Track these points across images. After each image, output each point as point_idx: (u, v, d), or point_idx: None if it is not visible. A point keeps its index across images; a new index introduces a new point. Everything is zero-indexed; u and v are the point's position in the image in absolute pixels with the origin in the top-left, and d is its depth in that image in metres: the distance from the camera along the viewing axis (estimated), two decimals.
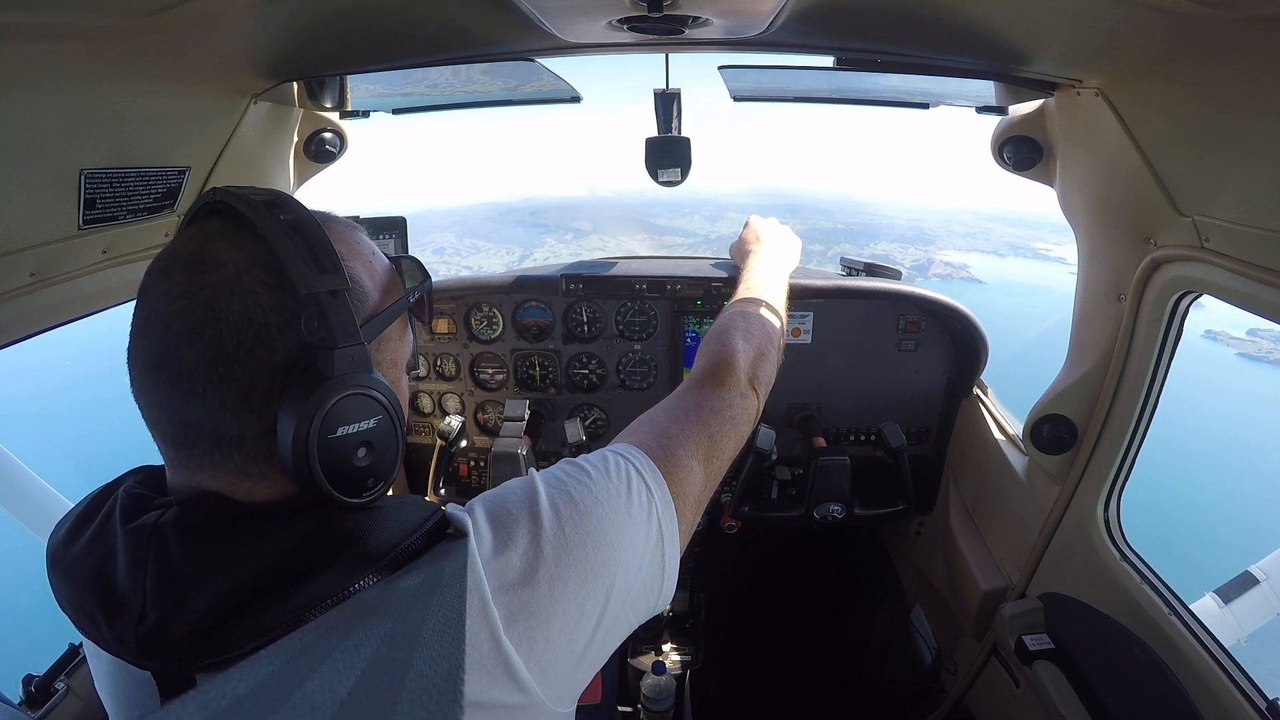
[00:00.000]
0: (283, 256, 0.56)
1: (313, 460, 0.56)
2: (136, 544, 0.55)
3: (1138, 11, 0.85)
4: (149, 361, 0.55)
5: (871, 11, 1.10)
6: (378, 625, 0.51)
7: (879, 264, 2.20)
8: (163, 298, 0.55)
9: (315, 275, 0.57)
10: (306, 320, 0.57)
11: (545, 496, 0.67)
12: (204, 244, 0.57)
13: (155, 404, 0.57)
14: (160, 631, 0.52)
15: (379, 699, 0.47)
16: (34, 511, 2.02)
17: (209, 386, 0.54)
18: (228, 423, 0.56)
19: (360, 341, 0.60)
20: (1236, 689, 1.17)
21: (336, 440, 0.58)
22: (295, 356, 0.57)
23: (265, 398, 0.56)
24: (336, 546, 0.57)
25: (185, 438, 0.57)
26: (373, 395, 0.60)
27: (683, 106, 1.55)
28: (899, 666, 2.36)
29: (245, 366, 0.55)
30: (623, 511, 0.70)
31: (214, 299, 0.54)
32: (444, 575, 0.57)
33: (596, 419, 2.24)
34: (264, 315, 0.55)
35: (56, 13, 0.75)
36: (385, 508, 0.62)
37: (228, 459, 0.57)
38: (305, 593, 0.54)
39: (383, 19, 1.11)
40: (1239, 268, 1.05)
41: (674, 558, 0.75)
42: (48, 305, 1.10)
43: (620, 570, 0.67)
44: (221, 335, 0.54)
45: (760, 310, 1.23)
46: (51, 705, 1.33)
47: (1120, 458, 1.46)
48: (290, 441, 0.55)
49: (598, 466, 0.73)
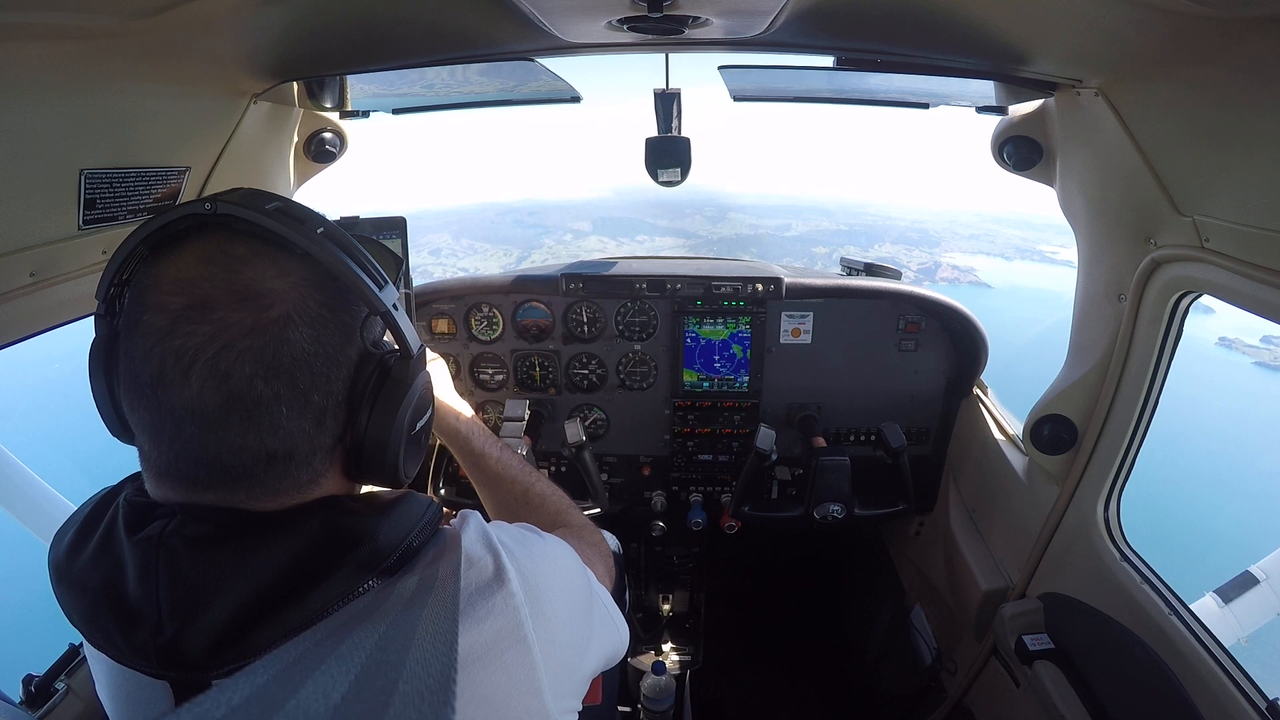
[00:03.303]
0: (342, 278, 0.58)
1: (402, 458, 0.63)
2: (145, 555, 0.54)
3: (1138, 11, 0.85)
4: (201, 408, 0.51)
5: (872, 11, 1.10)
6: (373, 629, 0.52)
7: (879, 264, 2.20)
8: (209, 341, 0.51)
9: (379, 292, 0.60)
10: (365, 330, 0.61)
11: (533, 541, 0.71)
12: (238, 273, 0.54)
13: (210, 445, 0.53)
14: (179, 642, 0.52)
15: (372, 702, 0.47)
16: (33, 511, 2.02)
17: (290, 418, 0.54)
18: (303, 445, 0.56)
19: (422, 344, 0.66)
20: (1236, 689, 1.17)
21: (415, 435, 0.66)
22: (358, 366, 0.60)
23: (336, 412, 0.58)
24: (346, 547, 0.57)
25: (252, 468, 0.54)
26: (429, 389, 0.69)
27: (683, 106, 1.55)
28: (899, 666, 2.36)
29: (320, 391, 0.56)
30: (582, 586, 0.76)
31: (284, 333, 0.53)
32: (438, 576, 0.58)
33: (596, 419, 2.24)
34: (332, 338, 0.57)
35: (56, 13, 0.75)
36: (387, 504, 0.63)
37: (295, 479, 0.57)
38: (320, 595, 0.54)
39: (383, 19, 1.11)
40: (1239, 268, 1.05)
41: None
42: (48, 305, 1.10)
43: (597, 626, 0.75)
44: (297, 366, 0.54)
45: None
46: (51, 705, 1.33)
47: (1120, 458, 1.46)
48: (384, 446, 0.60)
49: (556, 542, 0.77)
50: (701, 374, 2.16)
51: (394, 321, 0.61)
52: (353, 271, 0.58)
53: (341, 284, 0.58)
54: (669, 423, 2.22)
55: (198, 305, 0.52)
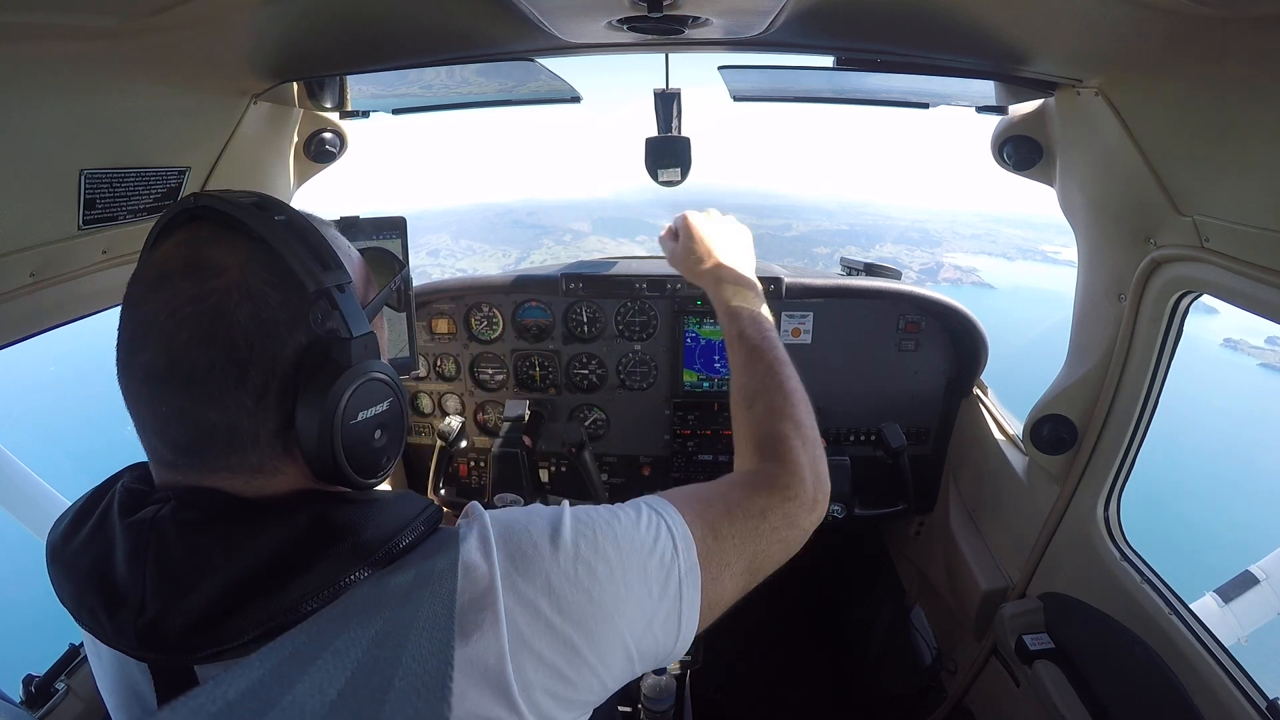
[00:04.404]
0: (287, 256, 0.58)
1: (338, 447, 0.59)
2: (135, 537, 0.56)
3: (1138, 11, 0.85)
4: (154, 372, 0.55)
5: (871, 11, 1.10)
6: (369, 624, 0.52)
7: (879, 264, 2.20)
8: (163, 307, 0.55)
9: (322, 272, 0.59)
10: (314, 315, 0.59)
11: (570, 529, 0.64)
12: (198, 250, 0.57)
13: (163, 413, 0.56)
14: (160, 623, 0.53)
15: (367, 699, 0.47)
16: (33, 511, 2.02)
17: (225, 388, 0.55)
18: (245, 421, 0.57)
19: (370, 330, 0.63)
20: (1236, 689, 1.17)
21: (358, 425, 0.61)
22: (305, 351, 0.59)
23: (280, 394, 0.57)
24: (332, 538, 0.57)
25: (200, 441, 0.57)
26: (384, 379, 0.64)
27: (683, 106, 1.55)
28: (899, 666, 2.36)
29: (259, 366, 0.56)
30: (638, 566, 0.66)
31: (222, 303, 0.55)
32: (435, 570, 0.57)
33: (596, 419, 2.24)
34: (273, 314, 0.57)
35: (56, 13, 0.75)
36: (382, 501, 0.63)
37: (244, 458, 0.58)
38: (301, 584, 0.54)
39: (383, 20, 1.11)
40: (1239, 267, 1.05)
41: (691, 621, 0.70)
42: (48, 305, 1.10)
43: (621, 627, 0.64)
44: (234, 337, 0.55)
45: (790, 379, 1.01)
46: (52, 705, 1.33)
47: (1120, 458, 1.46)
48: (315, 431, 0.58)
49: (629, 516, 0.70)
50: (701, 374, 2.16)
51: (334, 301, 0.60)
52: (295, 250, 0.58)
53: (287, 263, 0.58)
54: (669, 423, 2.22)
55: (162, 277, 0.57)
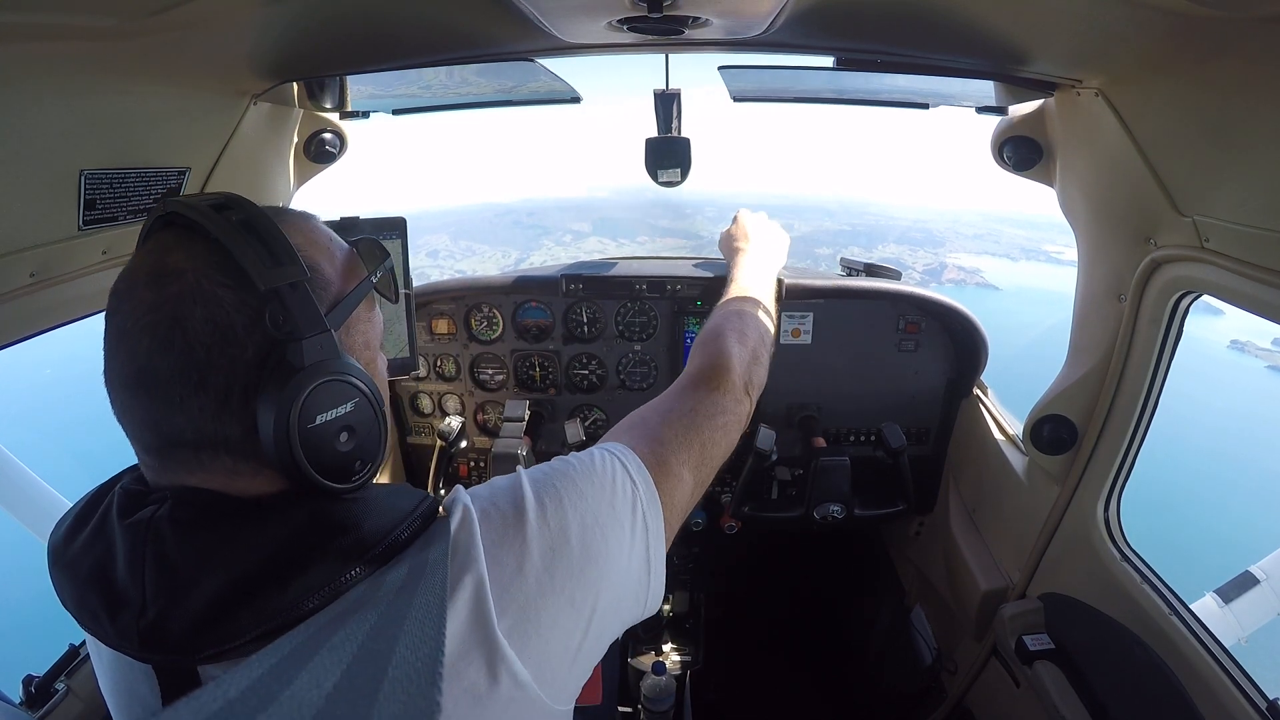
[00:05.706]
0: (237, 255, 0.56)
1: (295, 450, 0.56)
2: (134, 539, 0.56)
3: (1138, 12, 0.85)
4: (125, 380, 0.56)
5: (872, 11, 1.10)
6: (365, 619, 0.52)
7: (879, 265, 2.20)
8: (129, 316, 0.55)
9: (272, 269, 0.57)
10: (271, 315, 0.57)
11: (530, 492, 0.67)
12: (162, 257, 0.57)
13: (137, 420, 0.57)
14: (161, 624, 0.53)
15: (363, 689, 0.48)
16: (33, 511, 2.02)
17: (186, 394, 0.55)
18: (210, 426, 0.56)
19: (326, 329, 0.60)
20: (1236, 689, 1.17)
21: (317, 428, 0.58)
22: (266, 352, 0.57)
23: (243, 397, 0.56)
24: (329, 536, 0.57)
25: (169, 447, 0.57)
26: (346, 379, 0.61)
27: (683, 107, 1.55)
28: (899, 666, 2.36)
29: (218, 370, 0.55)
30: (606, 507, 0.70)
31: (177, 309, 0.55)
32: (428, 562, 0.58)
33: (596, 419, 2.24)
34: (228, 317, 0.56)
35: (56, 13, 0.75)
36: (377, 496, 0.63)
37: (215, 461, 0.58)
38: (301, 582, 0.54)
39: (383, 20, 1.11)
40: (1239, 268, 1.05)
41: (659, 557, 0.75)
42: (48, 306, 1.10)
43: (607, 566, 0.67)
44: (190, 343, 0.54)
45: (753, 311, 1.24)
46: (52, 705, 1.33)
47: (1120, 458, 1.46)
48: (272, 435, 0.56)
49: (584, 461, 0.74)
50: None
51: (282, 299, 0.57)
52: (246, 250, 0.56)
53: (239, 263, 0.57)
54: None
55: (131, 286, 0.57)
